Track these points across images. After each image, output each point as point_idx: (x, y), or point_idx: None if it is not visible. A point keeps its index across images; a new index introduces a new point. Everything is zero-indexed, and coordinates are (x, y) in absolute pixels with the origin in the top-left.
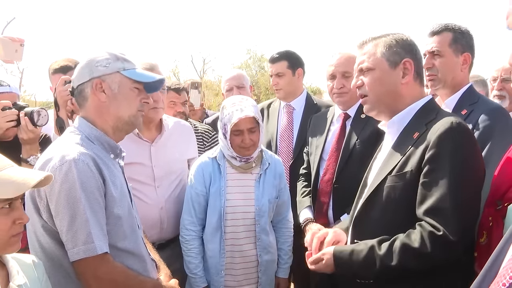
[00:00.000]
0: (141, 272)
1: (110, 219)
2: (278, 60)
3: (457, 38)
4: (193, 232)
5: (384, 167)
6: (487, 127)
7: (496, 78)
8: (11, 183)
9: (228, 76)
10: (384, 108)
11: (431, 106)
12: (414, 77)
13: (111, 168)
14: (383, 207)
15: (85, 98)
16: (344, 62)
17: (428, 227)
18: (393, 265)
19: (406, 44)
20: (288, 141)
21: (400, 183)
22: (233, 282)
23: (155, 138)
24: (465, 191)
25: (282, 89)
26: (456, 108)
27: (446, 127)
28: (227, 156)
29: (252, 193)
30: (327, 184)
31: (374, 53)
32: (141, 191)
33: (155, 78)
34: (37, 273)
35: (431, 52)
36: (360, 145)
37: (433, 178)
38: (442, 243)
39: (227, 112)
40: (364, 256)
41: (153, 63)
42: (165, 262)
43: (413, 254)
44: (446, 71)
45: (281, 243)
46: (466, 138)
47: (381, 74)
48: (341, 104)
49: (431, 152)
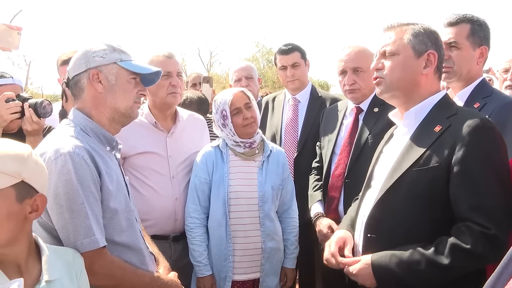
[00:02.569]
0: (139, 266)
1: (106, 212)
2: (291, 51)
3: (475, 30)
4: (197, 220)
5: (404, 160)
6: (501, 120)
7: (508, 69)
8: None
9: (237, 66)
10: (399, 93)
11: (448, 101)
12: (435, 70)
13: (107, 161)
14: (404, 201)
15: (81, 89)
16: (354, 57)
17: (477, 227)
18: (444, 265)
19: (434, 36)
20: (293, 134)
21: (425, 178)
22: (239, 269)
23: (170, 128)
24: (503, 188)
25: (298, 79)
26: (468, 101)
27: (476, 124)
28: (231, 145)
29: (255, 179)
30: (338, 179)
31: (401, 39)
32: (156, 182)
33: (152, 70)
34: (74, 267)
35: (448, 43)
36: (372, 140)
37: (469, 178)
38: (495, 242)
39: (220, 100)
40: (409, 256)
41: (171, 52)
42: (179, 255)
43: (466, 255)
44: (462, 64)
45: (287, 233)
46: (496, 135)
47: (404, 60)
48: (354, 99)
49: (462, 150)
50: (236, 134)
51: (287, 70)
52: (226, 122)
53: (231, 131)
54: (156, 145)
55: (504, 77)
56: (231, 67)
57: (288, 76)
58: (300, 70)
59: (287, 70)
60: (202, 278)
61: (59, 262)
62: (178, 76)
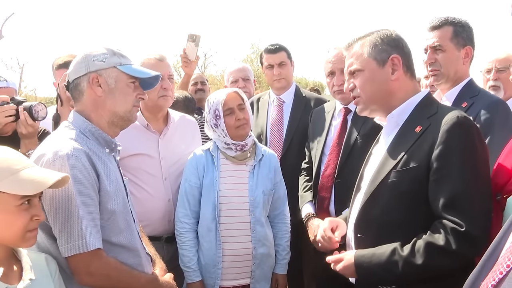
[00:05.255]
0: (136, 267)
1: (104, 214)
2: (278, 51)
3: (458, 32)
4: (187, 224)
5: (387, 162)
6: (487, 119)
7: (491, 69)
8: (31, 181)
9: (233, 68)
10: (376, 107)
11: (430, 100)
12: (404, 71)
13: (106, 162)
14: (387, 202)
15: (81, 92)
16: (342, 57)
17: (449, 224)
18: (419, 264)
19: (392, 40)
20: (278, 134)
21: (406, 178)
22: (229, 275)
23: (162, 129)
24: (479, 185)
25: (284, 78)
26: (456, 101)
27: (453, 121)
28: (222, 148)
29: (246, 184)
30: (329, 179)
31: (361, 54)
32: (148, 184)
33: (151, 74)
34: (49, 269)
35: (433, 47)
36: (361, 140)
37: (446, 175)
38: (467, 239)
39: (213, 99)
40: (387, 257)
41: (162, 55)
42: (172, 256)
43: (439, 253)
44: (448, 65)
45: (278, 239)
46: (473, 132)
47: (370, 74)
48: (343, 100)
49: (440, 148)
50: (228, 135)
51: (273, 69)
52: (218, 122)
53: (223, 132)
54: (148, 147)
55: (487, 77)
56: (227, 69)
57: (274, 75)
58: (286, 69)
59: (274, 69)
60: (192, 284)
61: (35, 265)
62: (169, 79)
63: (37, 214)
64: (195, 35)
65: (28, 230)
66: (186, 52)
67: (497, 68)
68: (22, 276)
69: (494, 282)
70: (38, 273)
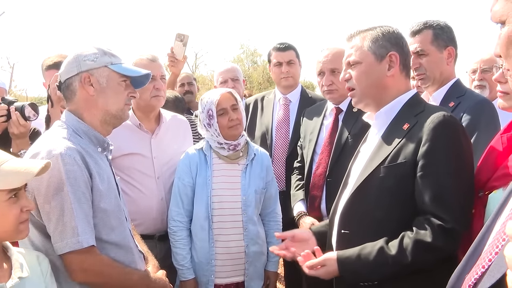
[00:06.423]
0: (128, 264)
1: (96, 212)
2: (288, 49)
3: (438, 34)
4: (180, 223)
5: (374, 158)
6: (473, 118)
7: (476, 69)
8: (16, 174)
9: (222, 68)
10: (370, 101)
11: (418, 99)
12: (400, 69)
13: (98, 161)
14: (374, 197)
15: (73, 92)
16: (332, 58)
17: (436, 221)
18: (408, 263)
19: (393, 37)
20: (284, 134)
21: (393, 174)
22: (222, 273)
23: (154, 129)
24: (464, 182)
25: (292, 76)
26: (443, 100)
27: (439, 120)
28: (215, 147)
29: (239, 183)
30: (320, 178)
31: (361, 47)
32: (141, 183)
33: (142, 72)
34: (41, 268)
35: (416, 52)
36: (352, 139)
37: (432, 172)
38: (452, 235)
39: (206, 99)
40: (374, 258)
41: (154, 55)
42: (165, 254)
43: (426, 249)
44: (433, 68)
45: (270, 237)
46: (459, 130)
47: (367, 67)
48: (332, 100)
49: (426, 146)
50: (220, 135)
51: (282, 66)
52: (211, 122)
53: (216, 132)
54: (140, 146)
55: (472, 77)
56: (216, 69)
57: (283, 73)
58: (294, 68)
59: (282, 66)
60: (185, 281)
61: (26, 263)
62: (162, 79)
63: (26, 205)
64: (183, 35)
65: (20, 222)
66: (173, 51)
67: (482, 68)
68: (11, 274)
69: (477, 276)
70: (29, 271)
